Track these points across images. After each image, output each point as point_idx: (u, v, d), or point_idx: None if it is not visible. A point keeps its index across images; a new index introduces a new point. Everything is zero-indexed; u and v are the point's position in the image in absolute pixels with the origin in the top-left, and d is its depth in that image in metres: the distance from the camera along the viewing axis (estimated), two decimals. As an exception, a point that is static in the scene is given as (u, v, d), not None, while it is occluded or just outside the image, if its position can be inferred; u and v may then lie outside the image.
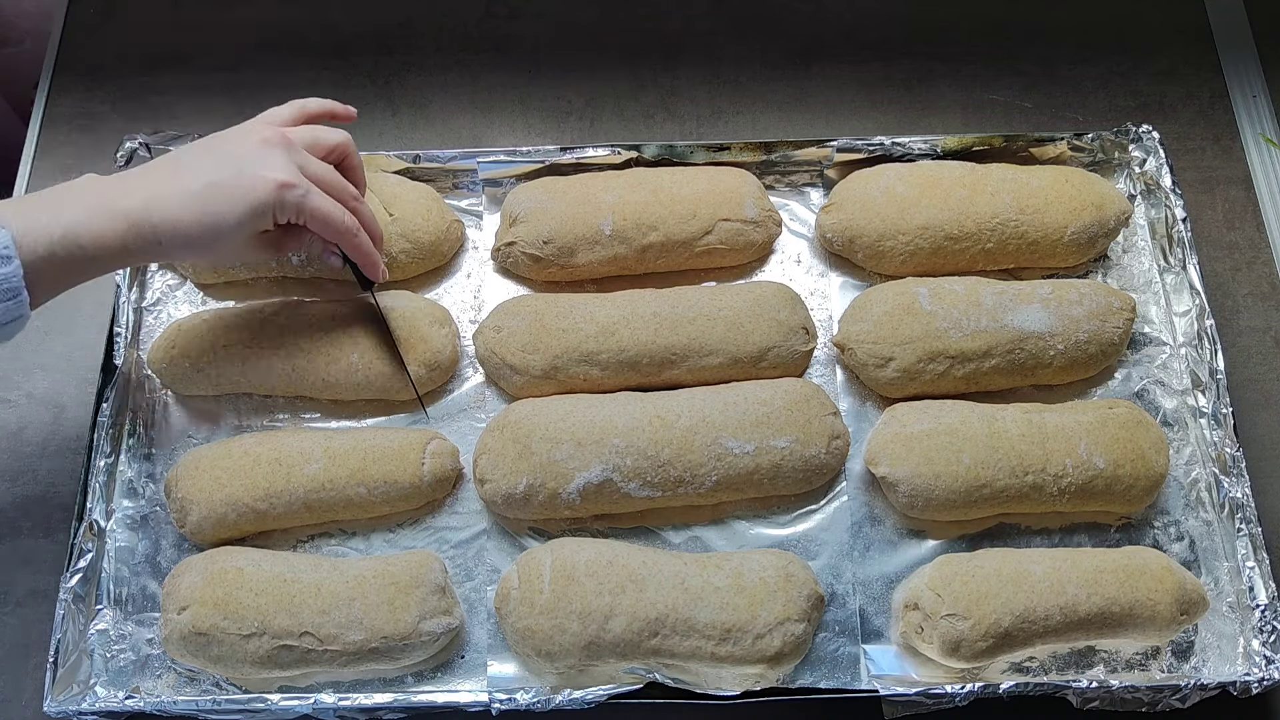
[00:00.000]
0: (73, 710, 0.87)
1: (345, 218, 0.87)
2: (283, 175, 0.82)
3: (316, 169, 0.86)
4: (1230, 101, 1.20)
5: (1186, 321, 1.03)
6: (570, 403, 0.95)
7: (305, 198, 0.84)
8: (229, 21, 1.24)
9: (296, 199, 0.83)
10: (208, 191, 0.81)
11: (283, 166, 0.83)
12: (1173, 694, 0.87)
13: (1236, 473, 0.95)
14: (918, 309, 0.97)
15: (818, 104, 1.20)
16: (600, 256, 1.02)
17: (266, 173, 0.82)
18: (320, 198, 0.85)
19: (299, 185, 0.83)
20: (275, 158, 0.83)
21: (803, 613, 0.87)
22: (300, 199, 0.83)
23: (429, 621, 0.88)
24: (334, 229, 0.87)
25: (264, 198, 0.82)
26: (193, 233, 0.81)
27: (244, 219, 0.82)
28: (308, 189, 0.84)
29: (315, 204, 0.84)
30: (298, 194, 0.83)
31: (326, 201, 0.86)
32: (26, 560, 0.98)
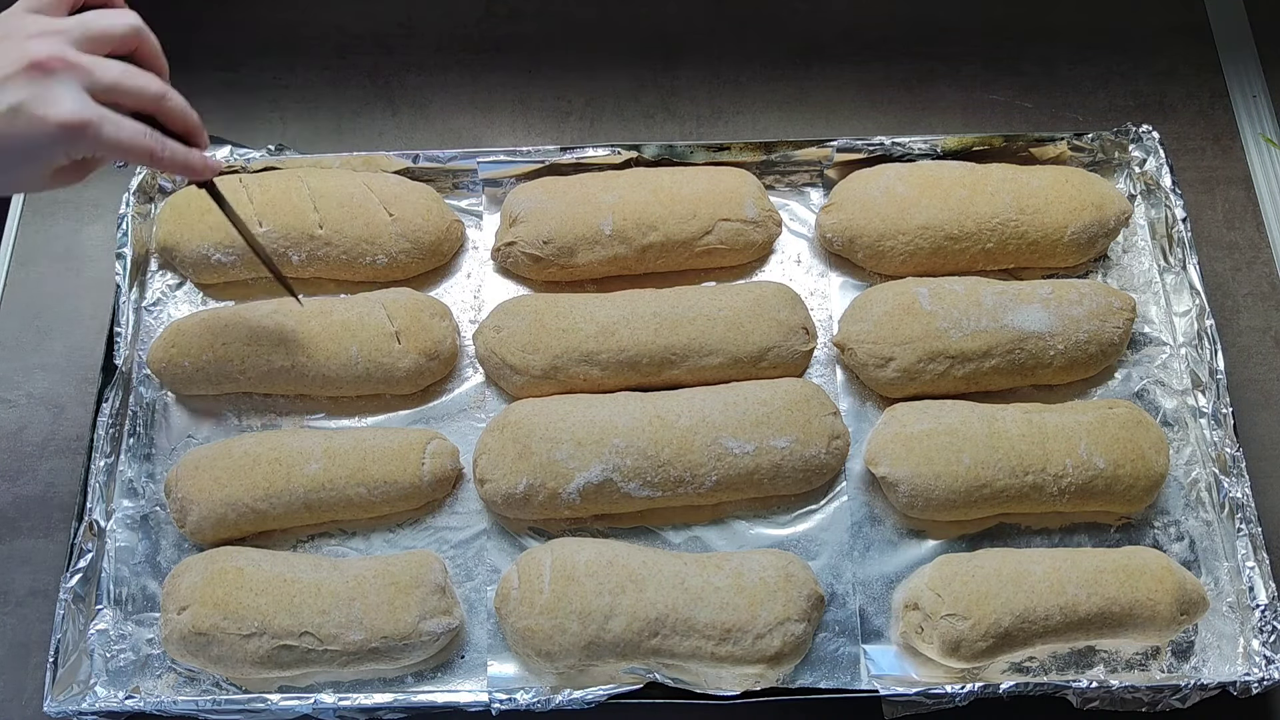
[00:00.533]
0: (73, 710, 0.87)
1: (146, 140, 0.74)
2: (66, 114, 0.69)
3: (108, 78, 0.72)
4: (1230, 101, 1.20)
5: (1186, 321, 1.03)
6: (570, 403, 0.95)
7: (98, 133, 0.70)
8: (229, 21, 1.24)
9: (86, 138, 0.70)
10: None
11: (66, 97, 0.69)
12: (1173, 694, 0.87)
13: (1236, 473, 0.95)
14: (918, 309, 0.97)
15: (818, 104, 1.20)
16: (600, 256, 1.02)
17: (48, 112, 0.68)
18: (114, 128, 0.71)
19: (88, 123, 0.70)
20: (56, 90, 0.69)
21: (803, 613, 0.87)
22: (91, 137, 0.70)
23: (429, 621, 0.88)
24: (136, 155, 0.74)
25: (44, 141, 0.69)
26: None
27: (24, 163, 0.71)
28: (99, 123, 0.70)
29: (110, 135, 0.71)
30: (87, 133, 0.70)
31: (122, 130, 0.72)
32: (26, 560, 0.98)
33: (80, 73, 0.71)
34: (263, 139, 1.13)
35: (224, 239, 1.01)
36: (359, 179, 1.04)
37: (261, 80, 1.21)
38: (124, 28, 0.75)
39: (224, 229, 1.01)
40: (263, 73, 1.21)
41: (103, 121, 0.71)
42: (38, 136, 0.69)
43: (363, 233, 1.02)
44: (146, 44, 0.78)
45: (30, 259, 1.11)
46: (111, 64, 0.73)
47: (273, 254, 1.02)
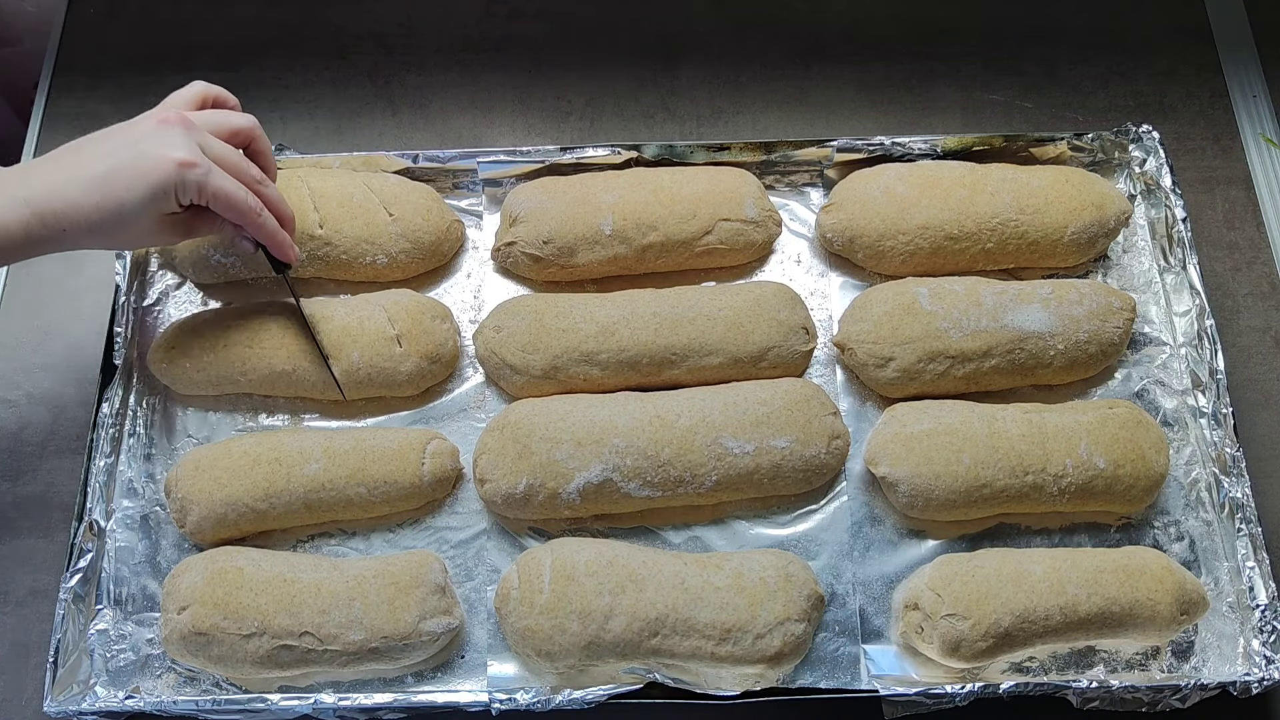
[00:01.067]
0: (73, 710, 0.87)
1: (248, 198, 0.86)
2: (182, 154, 0.81)
3: (218, 149, 0.85)
4: (1230, 101, 1.20)
5: (1186, 321, 1.03)
6: (570, 403, 0.95)
7: (207, 176, 0.82)
8: (229, 21, 1.24)
9: (198, 178, 0.82)
10: (108, 175, 0.80)
11: (182, 145, 0.82)
12: (1173, 694, 0.87)
13: (1236, 473, 0.95)
14: (918, 309, 0.97)
15: (818, 104, 1.20)
16: (600, 256, 1.02)
17: (166, 151, 0.81)
18: (222, 177, 0.84)
19: (200, 164, 0.82)
20: (174, 137, 0.82)
21: (803, 613, 0.87)
22: (201, 178, 0.82)
23: (429, 621, 0.88)
24: (236, 209, 0.86)
25: (164, 177, 0.81)
26: (94, 218, 0.81)
27: (145, 201, 0.81)
28: (209, 168, 0.83)
29: (217, 183, 0.83)
30: (199, 173, 0.82)
31: (229, 181, 0.85)
32: (26, 560, 0.98)
33: (196, 134, 0.84)
34: (263, 139, 1.14)
35: (223, 239, 1.01)
36: (359, 179, 1.04)
37: (261, 80, 1.21)
38: (242, 120, 0.90)
39: (224, 229, 1.02)
40: (263, 73, 1.21)
41: (211, 168, 0.83)
42: (157, 172, 0.81)
43: (363, 233, 1.02)
44: (259, 142, 0.92)
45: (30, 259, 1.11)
46: (222, 142, 0.87)
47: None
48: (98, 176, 0.81)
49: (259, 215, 0.88)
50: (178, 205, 0.83)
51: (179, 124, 0.83)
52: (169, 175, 0.81)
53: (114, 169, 0.81)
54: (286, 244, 0.92)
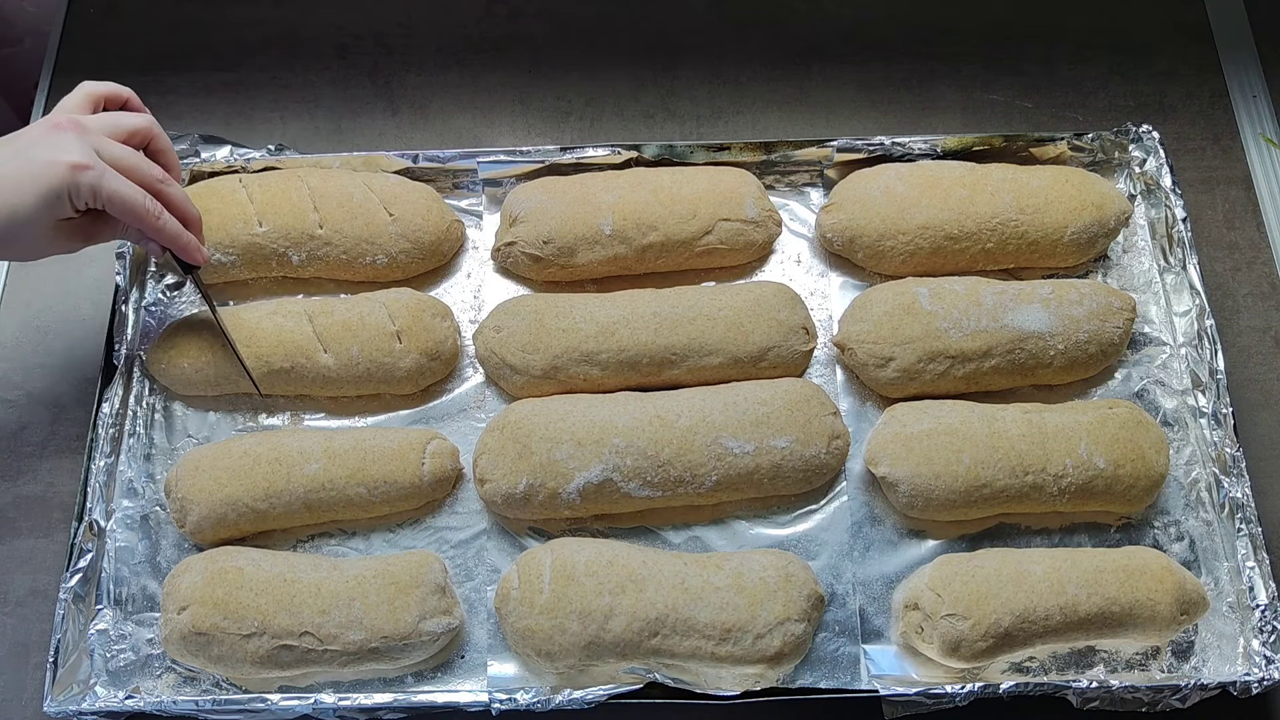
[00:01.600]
0: (73, 710, 0.87)
1: (145, 201, 0.84)
2: (75, 157, 0.79)
3: (114, 152, 0.83)
4: (1230, 101, 1.20)
5: (1186, 321, 1.03)
6: (570, 403, 0.95)
7: (101, 179, 0.80)
8: (229, 21, 1.24)
9: (91, 181, 0.80)
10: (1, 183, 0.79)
11: (75, 149, 0.80)
12: (1173, 694, 0.87)
13: (1236, 473, 0.95)
14: (918, 309, 0.97)
15: (818, 104, 1.20)
16: (600, 256, 1.02)
17: (58, 155, 0.79)
18: (117, 180, 0.82)
19: (93, 167, 0.80)
20: (66, 141, 0.80)
21: (803, 613, 0.87)
22: (95, 180, 0.80)
23: (429, 621, 0.88)
24: (133, 213, 0.83)
25: (56, 182, 0.79)
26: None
27: (38, 207, 0.79)
28: (103, 170, 0.81)
29: (111, 186, 0.81)
30: (92, 175, 0.80)
31: (124, 184, 0.82)
32: (26, 560, 0.98)
33: (90, 137, 0.82)
34: (263, 139, 1.14)
35: (224, 239, 1.01)
36: (359, 179, 1.04)
37: (261, 80, 1.21)
38: (138, 120, 0.87)
39: (224, 229, 1.01)
40: (263, 73, 1.21)
41: (105, 170, 0.81)
42: (48, 177, 0.79)
43: (363, 233, 1.02)
44: (158, 141, 0.89)
45: (30, 259, 1.11)
46: (118, 144, 0.84)
47: (273, 254, 1.02)
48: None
49: (157, 218, 0.85)
50: (73, 210, 0.81)
51: (71, 128, 0.81)
52: (61, 179, 0.79)
53: (3, 177, 0.79)
54: (191, 246, 0.89)
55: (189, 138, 1.08)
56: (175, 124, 1.15)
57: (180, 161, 1.07)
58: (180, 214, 0.89)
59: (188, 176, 1.08)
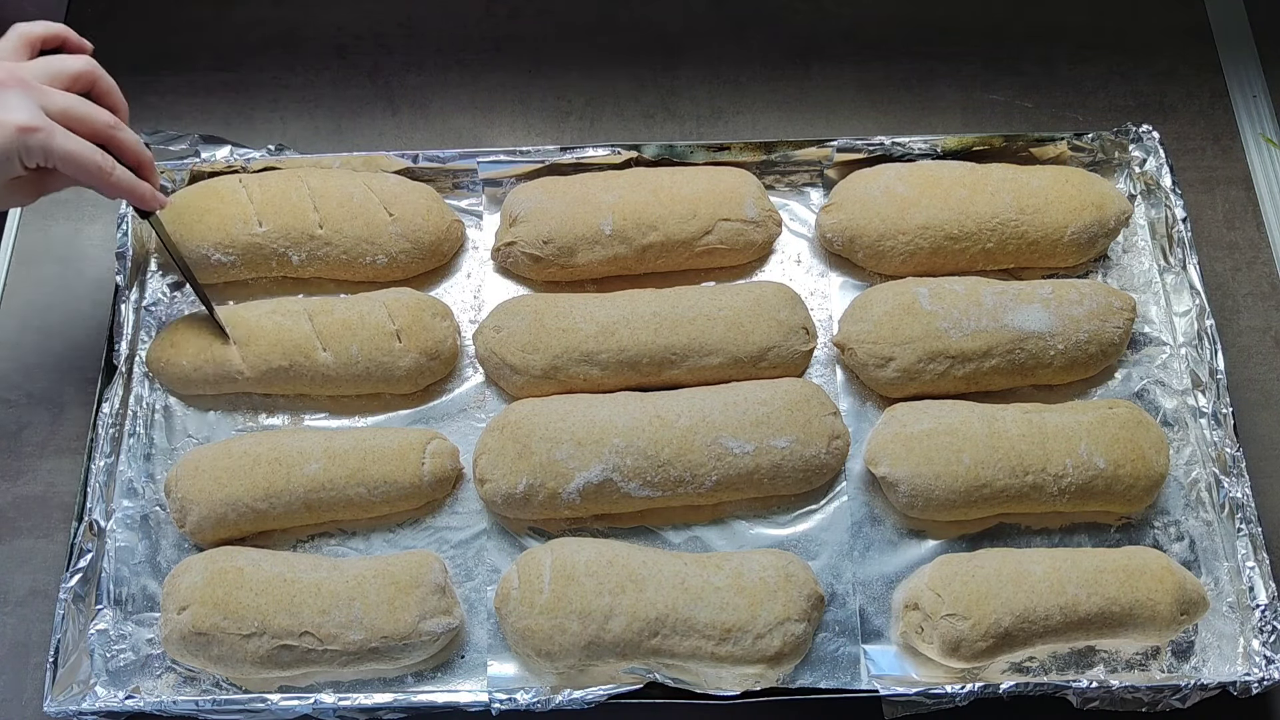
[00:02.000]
0: (73, 710, 0.87)
1: (96, 156, 0.81)
2: (22, 117, 0.77)
3: (61, 103, 0.80)
4: (1230, 101, 1.20)
5: (1186, 321, 1.03)
6: (570, 403, 0.95)
7: (50, 139, 0.78)
8: (229, 21, 1.24)
9: (41, 142, 0.77)
10: None
11: (21, 107, 0.77)
12: (1173, 694, 0.87)
13: (1236, 473, 0.95)
14: (918, 309, 0.97)
15: (818, 104, 1.20)
16: (600, 256, 1.02)
17: (3, 116, 0.76)
18: (66, 138, 0.79)
19: (41, 127, 0.77)
20: (11, 99, 0.77)
21: (803, 613, 0.87)
22: (45, 141, 0.78)
23: (429, 621, 0.88)
24: (86, 170, 0.81)
25: (3, 145, 0.76)
26: None
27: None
28: (51, 130, 0.78)
29: (60, 144, 0.78)
30: (41, 137, 0.77)
31: (73, 142, 0.79)
32: (26, 560, 0.98)
33: (34, 92, 0.79)
34: (263, 139, 1.14)
35: (223, 239, 1.01)
36: (359, 179, 1.04)
37: (261, 80, 1.21)
38: (78, 65, 0.83)
39: (224, 229, 1.01)
40: (263, 73, 1.21)
41: (54, 130, 0.78)
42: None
43: (363, 233, 1.02)
44: (101, 82, 0.85)
45: (30, 259, 1.11)
46: (64, 93, 0.81)
47: (273, 254, 1.02)
48: None
49: (110, 173, 0.82)
50: (22, 170, 0.79)
51: (15, 85, 0.78)
52: (9, 142, 0.76)
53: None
54: (147, 194, 0.87)
55: (189, 138, 1.08)
56: (175, 124, 1.15)
57: (180, 161, 1.07)
58: (133, 159, 0.85)
59: (187, 177, 1.08)
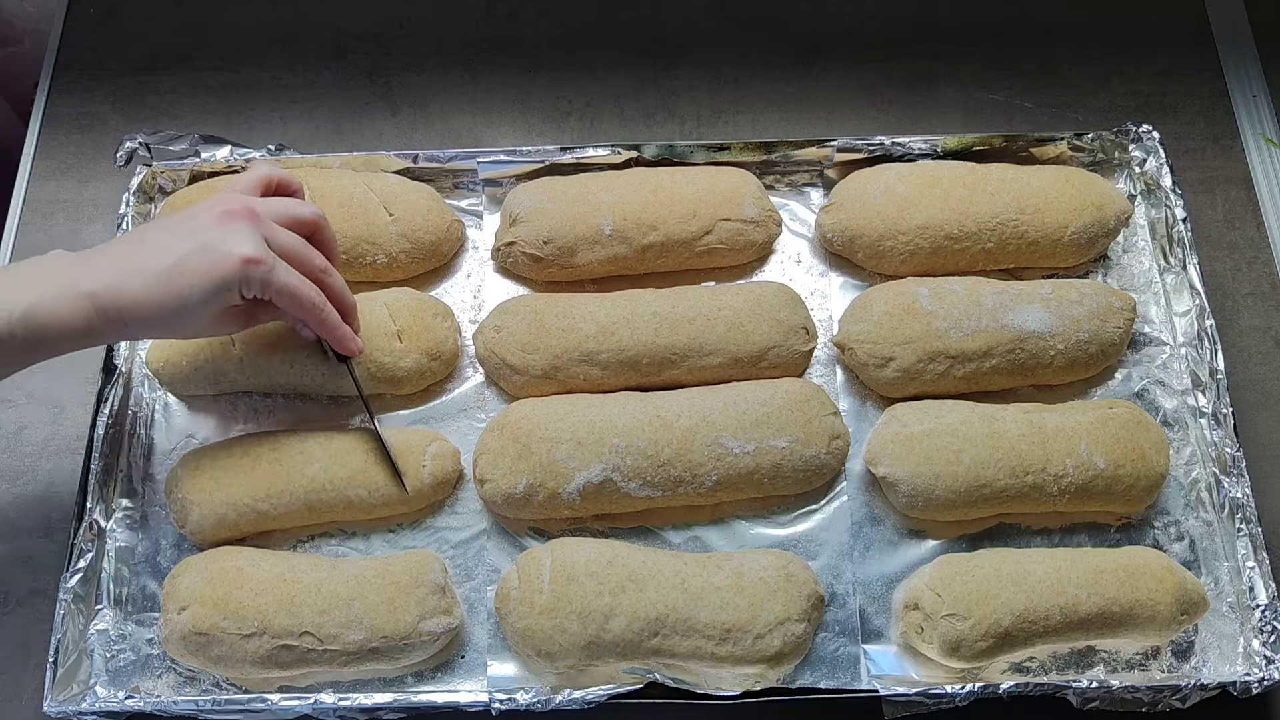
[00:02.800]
0: (73, 710, 0.87)
1: (312, 293, 0.85)
2: (248, 250, 0.80)
3: (284, 240, 0.84)
4: (1230, 101, 1.20)
5: (1186, 321, 1.03)
6: (570, 403, 0.95)
7: (271, 273, 0.81)
8: (229, 21, 1.24)
9: (262, 275, 0.81)
10: (172, 271, 0.79)
11: (248, 240, 0.81)
12: (1173, 694, 0.87)
13: (1236, 473, 0.95)
14: (918, 309, 0.97)
15: (818, 104, 1.20)
16: (600, 256, 1.02)
17: (231, 248, 0.80)
18: (287, 273, 0.83)
19: (265, 260, 0.81)
20: (240, 232, 0.81)
21: (803, 613, 0.87)
22: (266, 274, 0.81)
23: (429, 621, 0.88)
24: (300, 305, 0.84)
25: (228, 274, 0.79)
26: (157, 315, 0.79)
27: (208, 297, 0.80)
28: (274, 264, 0.82)
29: (281, 279, 0.82)
30: (263, 270, 0.81)
31: (293, 276, 0.83)
32: (26, 560, 0.98)
33: (262, 226, 0.82)
34: (263, 139, 1.14)
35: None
36: (359, 179, 1.04)
37: (261, 80, 1.21)
38: (309, 212, 0.88)
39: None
40: (263, 73, 1.21)
41: (276, 263, 0.82)
42: (221, 269, 0.79)
43: (363, 233, 1.02)
44: (324, 232, 0.90)
45: (30, 259, 1.11)
46: (288, 232, 0.85)
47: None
48: (161, 272, 0.79)
49: (321, 310, 0.86)
50: (240, 299, 0.82)
51: (245, 217, 0.81)
52: (234, 272, 0.79)
53: (178, 264, 0.79)
54: (348, 336, 0.90)
55: (189, 138, 1.08)
56: (175, 124, 1.16)
57: (180, 161, 1.07)
58: (339, 303, 0.89)
59: (187, 177, 1.08)
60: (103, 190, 1.14)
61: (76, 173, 1.16)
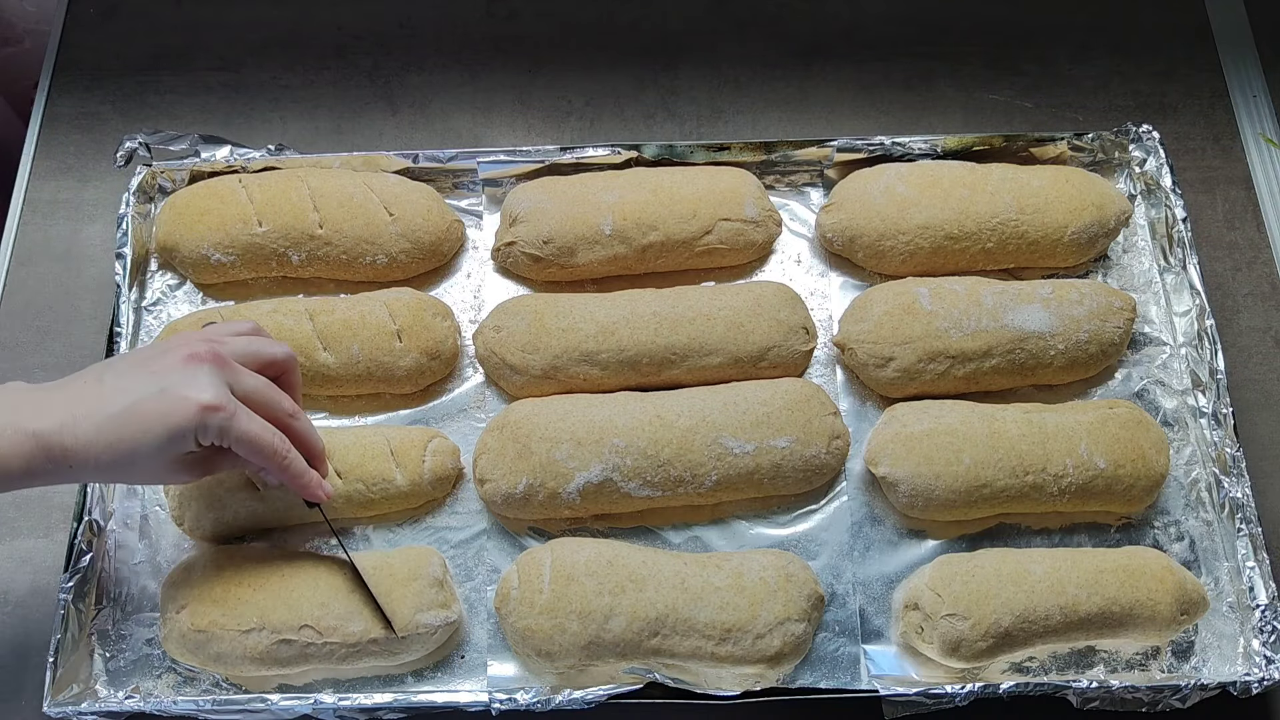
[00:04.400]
0: (73, 710, 0.86)
1: (274, 440, 0.80)
2: (207, 396, 0.75)
3: (249, 385, 0.80)
4: (1230, 101, 1.20)
5: (1186, 321, 1.03)
6: (570, 402, 0.95)
7: (231, 420, 0.76)
8: (229, 21, 1.24)
9: (221, 422, 0.76)
10: (126, 414, 0.74)
11: (209, 386, 0.76)
12: (1173, 694, 0.87)
13: (1236, 473, 0.95)
14: (918, 309, 0.97)
15: (818, 104, 1.20)
16: (600, 256, 1.02)
17: (190, 393, 0.75)
18: (248, 420, 0.78)
19: (225, 408, 0.76)
20: (201, 377, 0.76)
21: (803, 613, 0.87)
22: (225, 422, 0.76)
23: (426, 614, 0.87)
24: (261, 453, 0.79)
25: (185, 421, 0.75)
26: (106, 458, 0.74)
27: (162, 443, 0.75)
28: (234, 411, 0.77)
29: (242, 427, 0.77)
30: (222, 417, 0.76)
31: (254, 424, 0.78)
32: (26, 560, 0.98)
33: (228, 371, 0.78)
34: (263, 139, 1.14)
35: (223, 239, 1.01)
36: (359, 179, 1.04)
37: (261, 80, 1.21)
38: (279, 353, 0.84)
39: (224, 229, 1.01)
40: (263, 73, 1.21)
41: (237, 410, 0.77)
42: (177, 416, 0.75)
43: (363, 233, 1.02)
44: (291, 374, 0.86)
45: (30, 259, 1.11)
46: (255, 375, 0.81)
47: (272, 254, 1.02)
48: (114, 415, 0.74)
49: (284, 458, 0.81)
50: (197, 446, 0.77)
51: (209, 360, 0.77)
52: (190, 419, 0.75)
53: (133, 407, 0.74)
54: (314, 484, 0.84)
55: (189, 138, 1.08)
56: (175, 124, 1.16)
57: (180, 161, 1.07)
58: (305, 448, 0.84)
59: (187, 177, 1.08)
60: (103, 190, 1.14)
61: (76, 173, 1.16)
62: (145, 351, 0.80)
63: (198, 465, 0.81)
